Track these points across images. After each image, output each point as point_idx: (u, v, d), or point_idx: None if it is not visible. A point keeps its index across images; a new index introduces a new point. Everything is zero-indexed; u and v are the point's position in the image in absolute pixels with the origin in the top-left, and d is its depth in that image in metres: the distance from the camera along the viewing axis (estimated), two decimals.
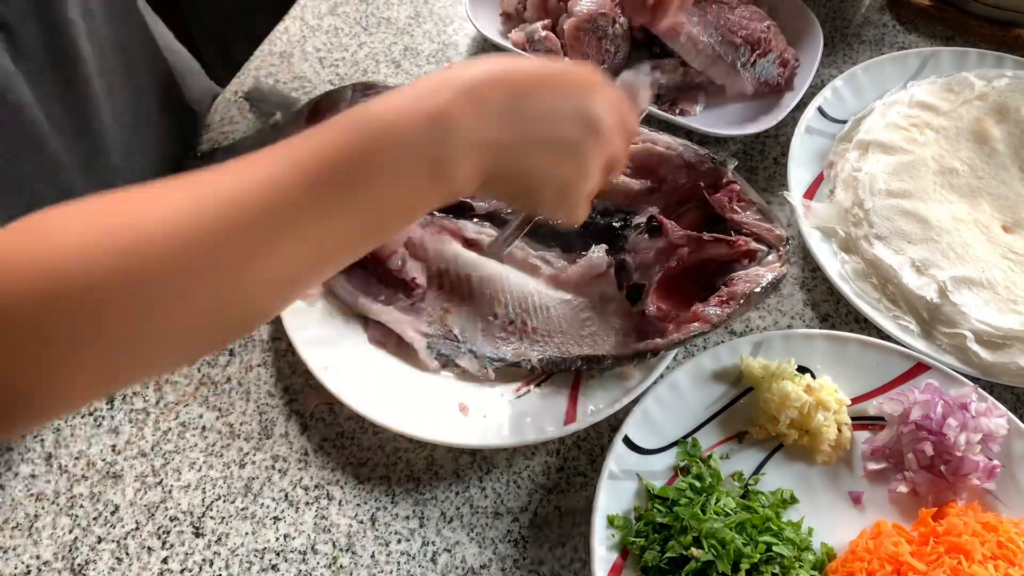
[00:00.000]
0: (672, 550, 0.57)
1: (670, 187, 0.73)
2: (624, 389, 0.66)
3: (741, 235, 0.69)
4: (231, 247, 0.39)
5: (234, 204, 0.39)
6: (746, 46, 0.84)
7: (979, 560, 0.54)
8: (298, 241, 0.40)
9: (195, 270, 0.38)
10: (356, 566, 0.63)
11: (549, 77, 0.48)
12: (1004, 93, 0.82)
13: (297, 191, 0.40)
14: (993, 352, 0.68)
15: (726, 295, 0.66)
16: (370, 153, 0.41)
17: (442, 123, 0.43)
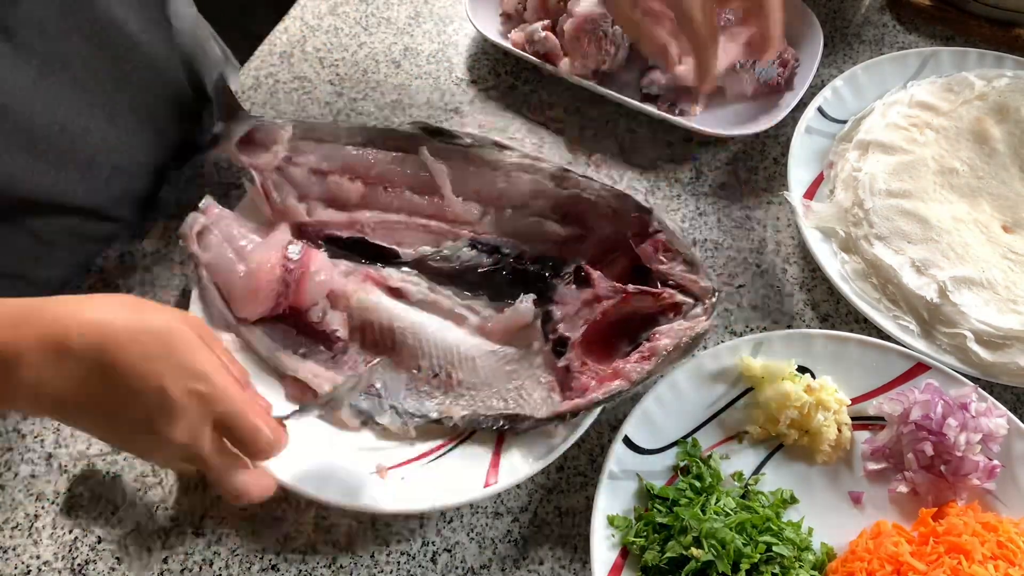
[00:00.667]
0: (672, 550, 0.57)
1: (597, 236, 0.72)
2: (549, 447, 0.63)
3: (667, 287, 0.67)
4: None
5: None
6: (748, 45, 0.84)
7: (979, 560, 0.54)
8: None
9: None
10: (356, 566, 0.63)
11: (142, 356, 0.49)
12: (1004, 93, 0.82)
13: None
14: (993, 352, 0.68)
15: (647, 351, 0.64)
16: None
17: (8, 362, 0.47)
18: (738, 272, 0.78)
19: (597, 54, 0.85)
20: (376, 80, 0.92)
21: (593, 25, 0.83)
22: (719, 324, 0.75)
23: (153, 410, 0.49)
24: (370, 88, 0.91)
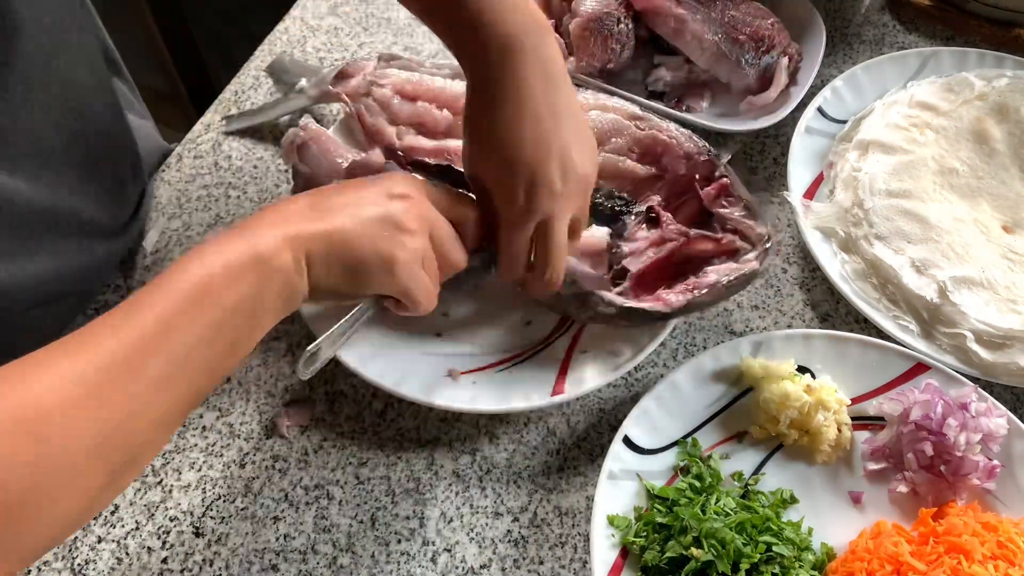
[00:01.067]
0: (672, 550, 0.57)
1: (671, 177, 0.74)
2: (614, 364, 0.67)
3: (726, 231, 0.69)
4: (116, 402, 0.41)
5: (111, 362, 0.41)
6: (751, 43, 0.84)
7: (979, 560, 0.54)
8: (170, 375, 0.44)
9: (90, 436, 0.40)
10: (356, 566, 0.63)
11: (344, 183, 0.55)
12: (1004, 93, 0.82)
13: (158, 335, 0.43)
14: (993, 352, 0.68)
15: (692, 284, 0.67)
16: (204, 278, 0.46)
17: (249, 231, 0.49)
18: None
19: (603, 53, 0.85)
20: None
21: (599, 24, 0.83)
22: (719, 324, 0.75)
23: (384, 198, 0.54)
24: None
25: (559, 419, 0.70)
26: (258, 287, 0.47)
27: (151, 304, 0.44)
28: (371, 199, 0.53)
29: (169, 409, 0.44)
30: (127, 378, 0.41)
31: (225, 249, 0.47)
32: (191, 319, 0.44)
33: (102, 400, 0.40)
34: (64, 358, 0.41)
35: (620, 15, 0.84)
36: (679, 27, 0.84)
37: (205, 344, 0.45)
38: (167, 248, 0.79)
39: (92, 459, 0.40)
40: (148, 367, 0.42)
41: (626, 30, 0.84)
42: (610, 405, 0.70)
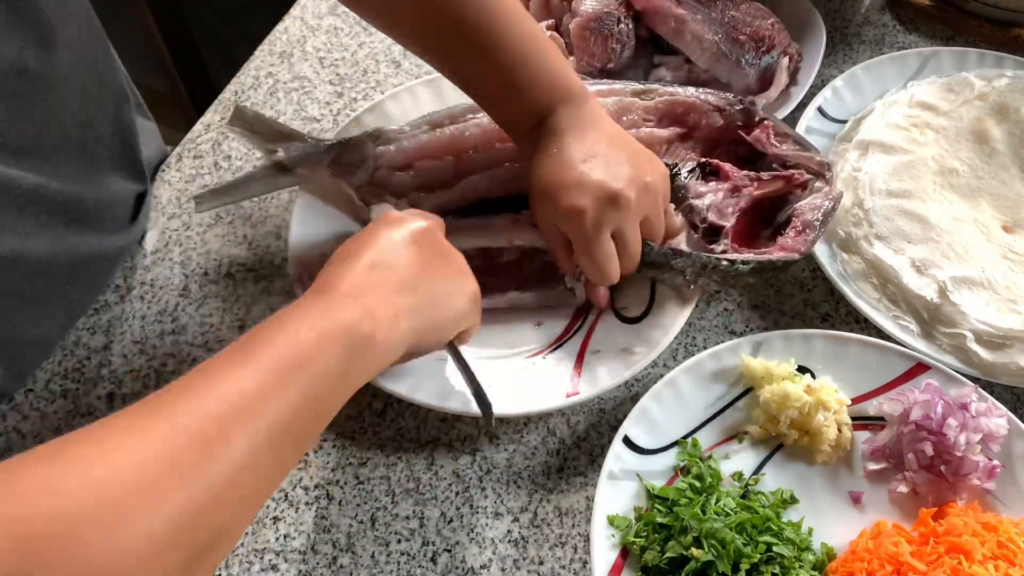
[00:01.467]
0: (672, 550, 0.57)
1: (703, 132, 0.75)
2: (628, 363, 0.67)
3: (787, 168, 0.72)
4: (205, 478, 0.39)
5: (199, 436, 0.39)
6: (751, 43, 0.84)
7: (979, 560, 0.54)
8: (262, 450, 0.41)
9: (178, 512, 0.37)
10: (356, 566, 0.63)
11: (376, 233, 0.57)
12: (1004, 93, 0.82)
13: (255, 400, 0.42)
14: (993, 352, 0.68)
15: (801, 225, 0.69)
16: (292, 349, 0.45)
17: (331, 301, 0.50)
18: None
19: (603, 52, 0.85)
20: (376, 80, 0.92)
21: (599, 24, 0.83)
22: (719, 324, 0.75)
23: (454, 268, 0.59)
24: (370, 88, 0.91)
25: (559, 419, 0.70)
26: (348, 357, 0.47)
27: (235, 378, 0.42)
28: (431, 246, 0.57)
29: (254, 488, 0.42)
30: (212, 456, 0.39)
31: (313, 319, 0.47)
32: (280, 394, 0.43)
33: (185, 478, 0.38)
34: (142, 430, 0.39)
35: (620, 15, 0.84)
36: (679, 27, 0.84)
37: (293, 418, 0.43)
38: (167, 248, 0.79)
39: (172, 543, 0.37)
40: (233, 445, 0.40)
41: (626, 30, 0.84)
42: (610, 405, 0.70)
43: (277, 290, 0.76)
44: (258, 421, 0.41)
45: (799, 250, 0.68)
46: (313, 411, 0.45)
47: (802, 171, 0.72)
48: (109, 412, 0.70)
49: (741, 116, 0.75)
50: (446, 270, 0.57)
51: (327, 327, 0.46)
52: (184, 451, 0.38)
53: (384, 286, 0.52)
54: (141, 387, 0.71)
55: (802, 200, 0.71)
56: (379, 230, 0.56)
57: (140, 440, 0.38)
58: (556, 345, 0.71)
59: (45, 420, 0.69)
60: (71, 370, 0.71)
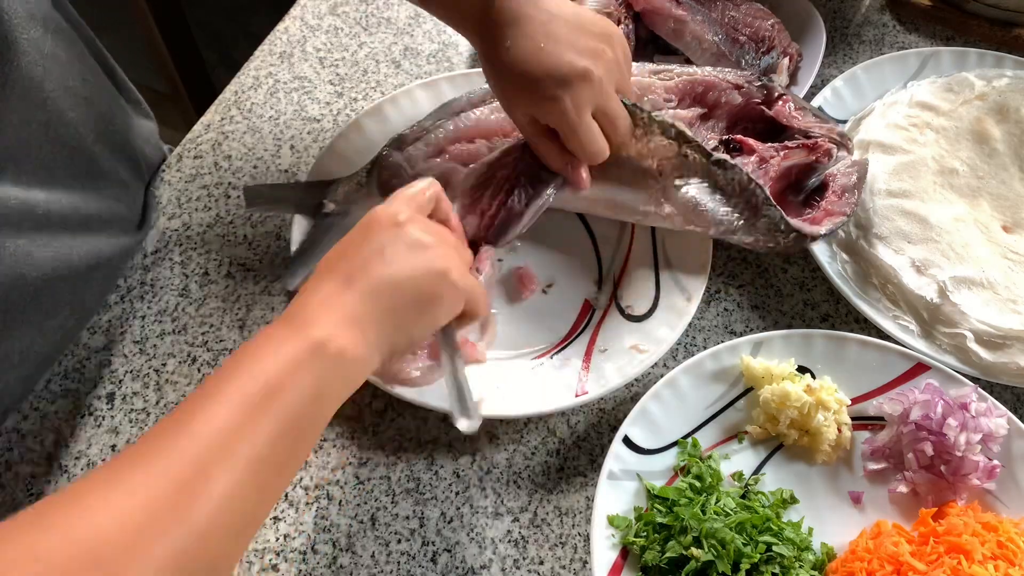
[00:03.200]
0: (672, 550, 0.57)
1: (724, 109, 0.76)
2: (635, 361, 0.67)
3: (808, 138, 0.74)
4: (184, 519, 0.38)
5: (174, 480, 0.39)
6: (751, 43, 0.84)
7: (979, 560, 0.54)
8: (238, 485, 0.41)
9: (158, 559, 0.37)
10: (356, 566, 0.63)
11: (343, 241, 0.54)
12: (1004, 93, 0.82)
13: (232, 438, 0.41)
14: (993, 352, 0.68)
15: (840, 189, 0.73)
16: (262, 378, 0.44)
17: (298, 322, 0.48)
18: (738, 272, 0.78)
19: None
20: (376, 80, 0.92)
21: None
22: (719, 324, 0.75)
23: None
24: (370, 88, 0.91)
25: (559, 419, 0.70)
26: (320, 378, 0.46)
27: (208, 416, 0.42)
28: (383, 237, 0.52)
29: (241, 519, 0.41)
30: (193, 498, 0.39)
31: (279, 346, 0.46)
32: (254, 426, 0.42)
33: (168, 524, 0.38)
34: (120, 483, 0.38)
35: (620, 15, 0.84)
36: (679, 28, 0.84)
37: (270, 448, 0.43)
38: (167, 248, 0.79)
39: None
40: (213, 484, 0.39)
41: (626, 30, 0.84)
42: (610, 405, 0.70)
43: (277, 290, 0.76)
44: (236, 457, 0.41)
45: (846, 211, 0.71)
46: (291, 437, 0.44)
47: (824, 139, 0.73)
48: (109, 412, 0.70)
49: (760, 93, 0.76)
50: (414, 260, 0.52)
51: (294, 352, 0.45)
52: (164, 498, 0.38)
53: (348, 297, 0.49)
54: (141, 387, 0.71)
55: (829, 168, 0.74)
56: (348, 238, 0.54)
57: (120, 493, 0.38)
58: (563, 345, 0.71)
59: (45, 420, 0.69)
60: (71, 370, 0.71)
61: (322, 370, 0.46)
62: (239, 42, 0.98)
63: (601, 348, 0.69)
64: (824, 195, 0.73)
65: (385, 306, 0.50)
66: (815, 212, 0.73)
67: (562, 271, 0.75)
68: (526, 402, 0.66)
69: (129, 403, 0.70)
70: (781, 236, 0.70)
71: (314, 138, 0.87)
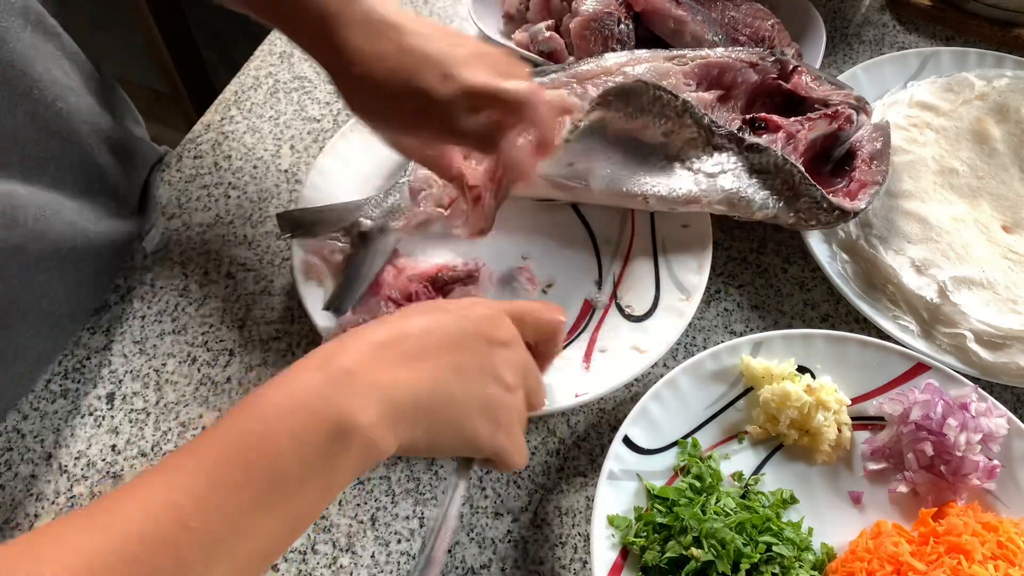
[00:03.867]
0: (672, 550, 0.57)
1: (741, 89, 0.77)
2: (636, 361, 0.67)
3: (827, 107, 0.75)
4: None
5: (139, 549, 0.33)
6: (751, 43, 0.84)
7: (979, 560, 0.54)
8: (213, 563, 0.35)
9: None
10: (356, 566, 0.63)
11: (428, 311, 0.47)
12: (1004, 93, 0.82)
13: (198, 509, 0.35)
14: (993, 352, 0.68)
15: (868, 156, 0.73)
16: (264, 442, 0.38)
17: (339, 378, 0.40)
18: (738, 272, 0.78)
19: (603, 52, 0.84)
20: None
21: (599, 24, 0.83)
22: (719, 324, 0.75)
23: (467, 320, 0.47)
24: None
25: (559, 419, 0.70)
26: (333, 463, 0.39)
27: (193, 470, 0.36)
28: (472, 347, 0.46)
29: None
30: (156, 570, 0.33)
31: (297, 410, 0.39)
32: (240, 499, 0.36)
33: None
34: (79, 534, 0.34)
35: (620, 15, 0.84)
36: (679, 28, 0.84)
37: (257, 528, 0.37)
38: (167, 248, 0.79)
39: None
40: (182, 557, 0.34)
41: (626, 30, 0.84)
42: (610, 405, 0.70)
43: (277, 290, 0.76)
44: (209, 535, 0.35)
45: (879, 180, 0.72)
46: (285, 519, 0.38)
47: (844, 106, 0.74)
48: (109, 412, 0.70)
49: (775, 67, 0.77)
50: (483, 398, 0.46)
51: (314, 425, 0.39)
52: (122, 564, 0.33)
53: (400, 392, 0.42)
54: (141, 387, 0.71)
55: (853, 135, 0.74)
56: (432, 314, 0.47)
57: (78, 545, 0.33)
58: (563, 345, 0.71)
59: (45, 420, 0.69)
60: (71, 370, 0.71)
61: (337, 455, 0.39)
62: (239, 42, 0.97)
63: (601, 348, 0.69)
64: (854, 164, 0.74)
65: (430, 419, 0.44)
66: (848, 183, 0.73)
67: (562, 271, 0.75)
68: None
69: (129, 403, 0.70)
70: (823, 214, 0.71)
71: (314, 138, 0.87)
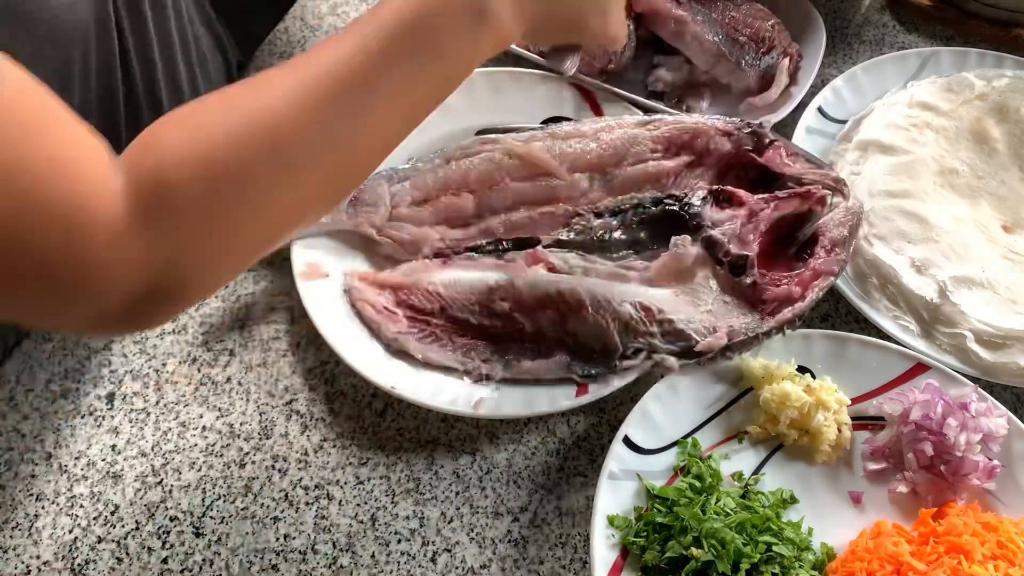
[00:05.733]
0: (672, 550, 0.57)
1: (713, 157, 0.75)
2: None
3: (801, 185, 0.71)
4: (342, 115, 0.45)
5: (336, 80, 0.45)
6: (751, 44, 0.84)
7: (979, 560, 0.54)
8: (388, 101, 0.48)
9: (318, 141, 0.45)
10: (356, 566, 0.63)
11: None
12: (1004, 93, 0.82)
13: (380, 60, 0.46)
14: (993, 352, 0.68)
15: (829, 242, 0.69)
16: (429, 15, 0.48)
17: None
18: None
19: (604, 54, 0.85)
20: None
21: None
22: None
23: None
24: None
25: (559, 419, 0.70)
26: (476, 37, 0.50)
27: (375, 38, 0.46)
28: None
29: (384, 137, 0.49)
30: (350, 106, 0.45)
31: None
32: (413, 59, 0.47)
33: (325, 124, 0.45)
34: (294, 80, 0.45)
35: None
36: (679, 29, 0.84)
37: (423, 81, 0.49)
38: None
39: (312, 170, 0.45)
40: (369, 98, 0.46)
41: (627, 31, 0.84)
42: (610, 405, 0.70)
43: (277, 290, 0.76)
44: (390, 82, 0.47)
45: (834, 271, 0.68)
46: (440, 78, 0.50)
47: (818, 187, 0.71)
48: (109, 412, 0.70)
49: (750, 139, 0.74)
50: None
51: (463, 6, 0.49)
52: (328, 101, 0.45)
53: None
54: (141, 387, 0.71)
55: (823, 217, 0.70)
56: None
57: (294, 87, 0.45)
58: None
59: (45, 420, 0.69)
60: (71, 370, 0.71)
61: (480, 31, 0.50)
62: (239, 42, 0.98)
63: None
64: (814, 250, 0.70)
65: (552, 12, 0.55)
66: (804, 270, 0.69)
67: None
68: (526, 402, 0.66)
69: (129, 403, 0.70)
70: (764, 337, 0.67)
71: None
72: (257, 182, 0.43)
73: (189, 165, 0.41)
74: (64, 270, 0.39)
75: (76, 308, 0.42)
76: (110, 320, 0.43)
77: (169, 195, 0.41)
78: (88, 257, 0.39)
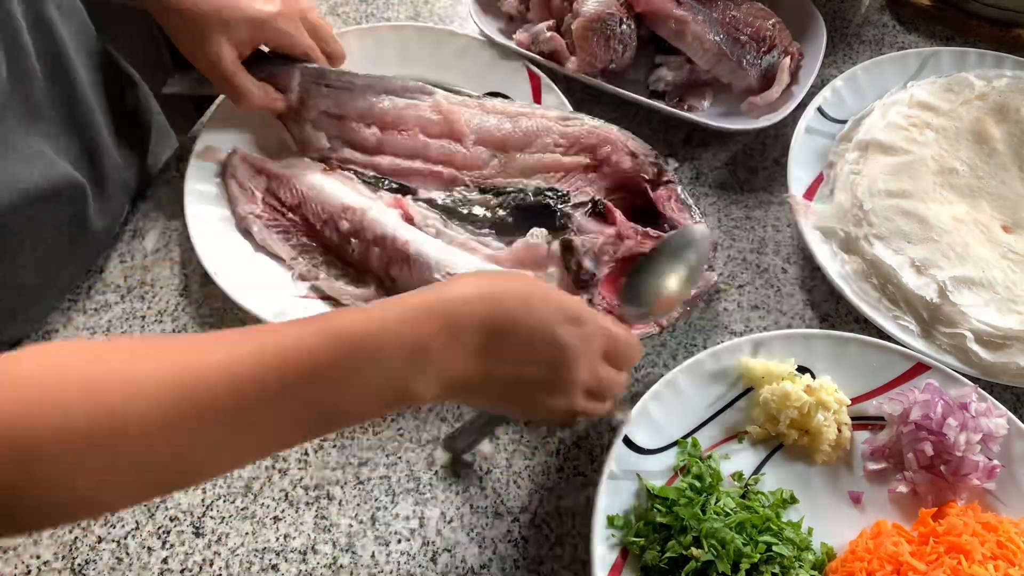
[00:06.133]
0: (672, 550, 0.57)
1: (611, 170, 0.76)
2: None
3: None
4: (203, 442, 0.42)
5: (213, 402, 0.41)
6: (752, 43, 0.84)
7: (979, 560, 0.54)
8: (259, 439, 0.44)
9: (161, 453, 0.41)
10: (356, 566, 0.63)
11: (527, 314, 0.50)
12: (1004, 93, 0.82)
13: (267, 394, 0.42)
14: (993, 352, 0.68)
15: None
16: (342, 369, 0.44)
17: (418, 359, 0.46)
18: (738, 272, 0.78)
19: (605, 53, 0.85)
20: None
21: (601, 25, 0.83)
22: (719, 324, 0.75)
23: (553, 358, 0.51)
24: None
25: None
26: (384, 407, 0.49)
27: (276, 368, 0.42)
28: (559, 343, 0.50)
29: (238, 463, 0.49)
30: (216, 435, 0.42)
31: (380, 380, 0.46)
32: (306, 407, 0.44)
33: (180, 447, 0.41)
34: (172, 379, 0.41)
35: (621, 15, 0.84)
36: (680, 29, 0.84)
37: (304, 430, 0.46)
38: (167, 247, 0.79)
39: (147, 483, 0.42)
40: (241, 433, 0.43)
41: (628, 31, 0.84)
42: None
43: None
44: (261, 428, 0.43)
45: (662, 324, 0.68)
46: (317, 430, 0.47)
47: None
48: None
49: (651, 170, 0.74)
50: (564, 399, 0.52)
51: (388, 387, 0.46)
52: (183, 420, 0.41)
53: (472, 370, 0.48)
54: None
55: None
56: (526, 287, 0.51)
57: (158, 386, 0.41)
58: None
59: None
60: None
61: (395, 405, 0.48)
62: None
63: None
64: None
65: (499, 391, 0.51)
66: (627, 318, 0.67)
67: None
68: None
69: None
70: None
71: None
72: (76, 475, 0.39)
73: (9, 437, 0.37)
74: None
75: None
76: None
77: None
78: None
